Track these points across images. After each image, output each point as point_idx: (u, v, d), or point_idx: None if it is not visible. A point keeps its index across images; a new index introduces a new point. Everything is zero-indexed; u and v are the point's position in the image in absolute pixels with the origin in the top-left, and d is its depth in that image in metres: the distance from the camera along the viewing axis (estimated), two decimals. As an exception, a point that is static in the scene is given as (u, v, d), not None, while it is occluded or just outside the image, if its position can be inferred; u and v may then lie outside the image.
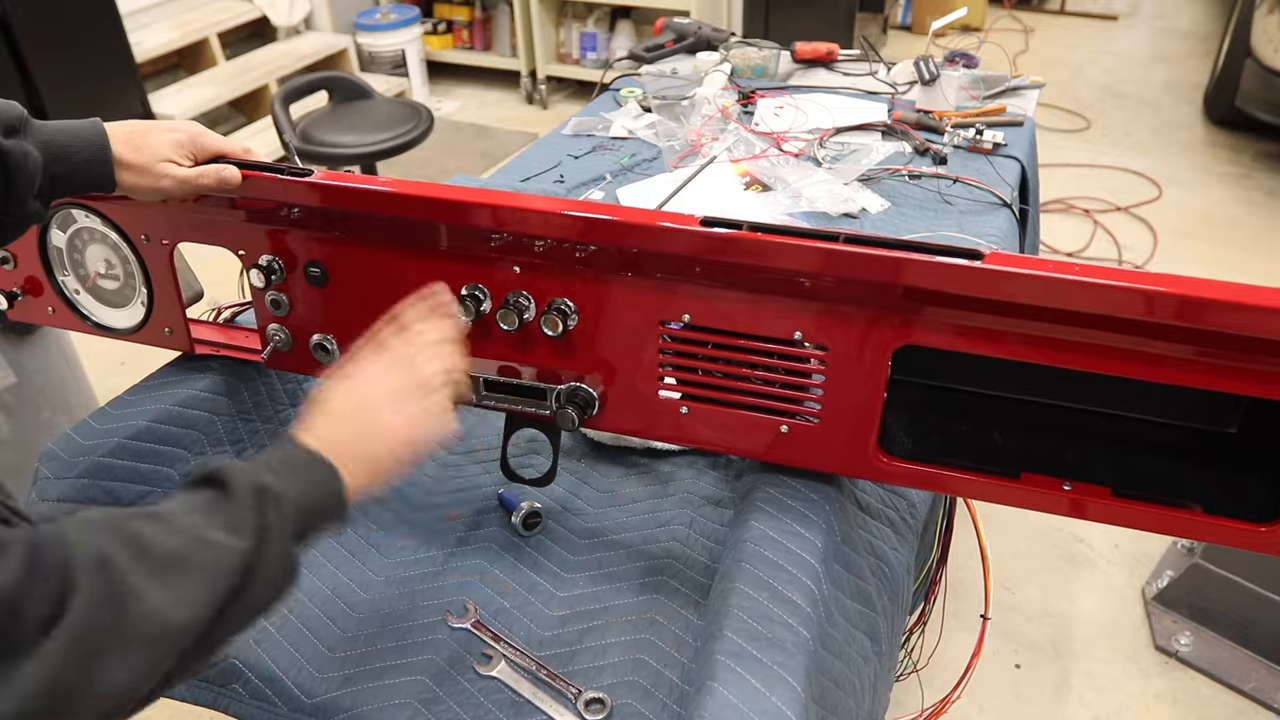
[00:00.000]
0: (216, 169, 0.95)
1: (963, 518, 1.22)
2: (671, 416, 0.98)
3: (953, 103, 1.94)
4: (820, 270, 0.84)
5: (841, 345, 0.88)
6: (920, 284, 0.81)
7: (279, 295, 1.05)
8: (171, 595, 0.57)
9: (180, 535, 0.60)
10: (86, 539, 0.56)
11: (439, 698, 0.91)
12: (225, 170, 0.95)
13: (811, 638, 0.83)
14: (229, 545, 0.61)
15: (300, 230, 1.01)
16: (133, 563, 0.56)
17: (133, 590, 0.56)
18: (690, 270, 0.89)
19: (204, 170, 0.95)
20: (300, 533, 0.68)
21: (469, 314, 0.97)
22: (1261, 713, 1.77)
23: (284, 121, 2.74)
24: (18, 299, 1.20)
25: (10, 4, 3.00)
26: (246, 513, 0.63)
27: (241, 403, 1.18)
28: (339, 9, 4.56)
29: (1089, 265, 0.77)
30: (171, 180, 0.93)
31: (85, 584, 0.53)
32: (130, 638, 0.55)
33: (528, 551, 1.07)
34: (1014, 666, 1.88)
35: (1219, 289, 0.73)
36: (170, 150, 0.93)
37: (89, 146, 0.89)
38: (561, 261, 0.93)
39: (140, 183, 0.92)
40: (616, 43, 4.41)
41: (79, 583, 0.53)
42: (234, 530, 0.62)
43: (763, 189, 1.68)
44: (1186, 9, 5.65)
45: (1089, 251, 3.23)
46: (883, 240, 0.82)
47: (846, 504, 1.00)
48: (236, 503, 0.64)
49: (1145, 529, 0.89)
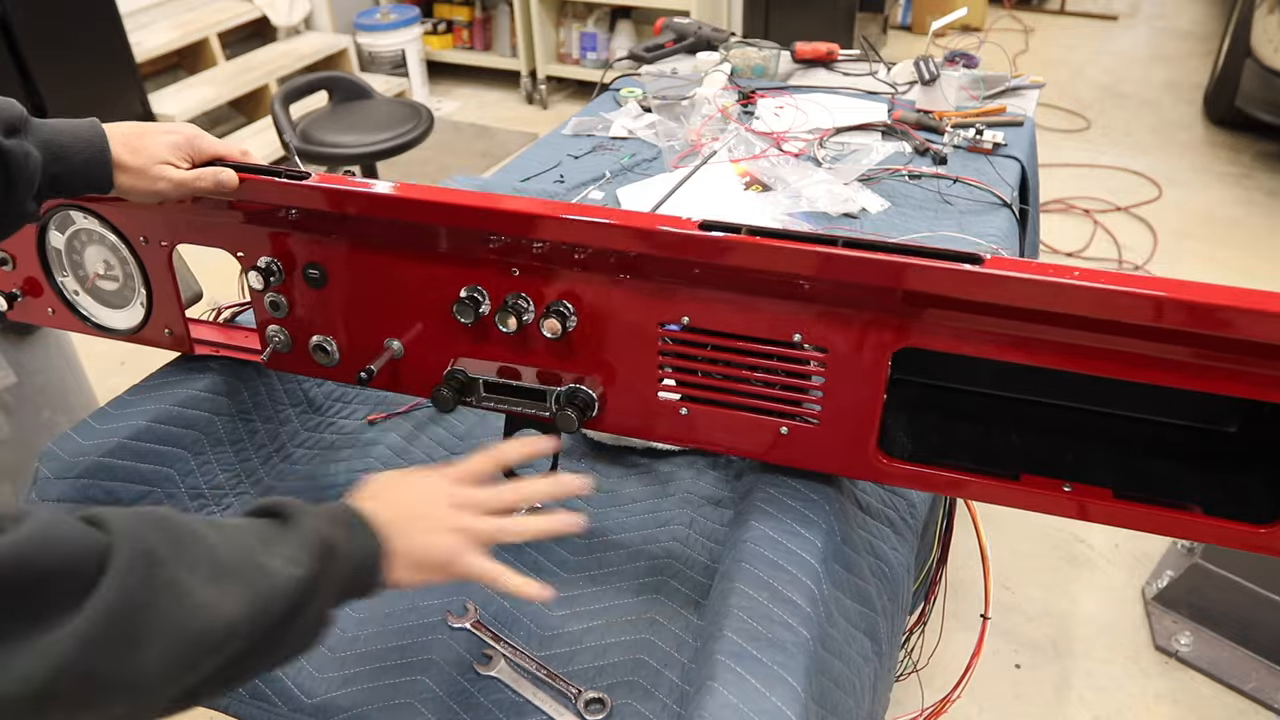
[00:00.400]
0: (214, 172, 0.95)
1: (963, 518, 1.22)
2: (671, 417, 0.98)
3: (953, 103, 1.94)
4: (819, 275, 0.84)
5: (841, 348, 0.88)
6: (920, 288, 0.81)
7: (278, 297, 1.05)
8: (216, 593, 0.57)
9: (235, 549, 0.60)
10: (131, 526, 0.56)
11: (439, 697, 0.91)
12: (222, 173, 0.95)
13: (811, 638, 0.83)
14: (283, 573, 0.61)
15: (299, 232, 1.01)
16: (178, 557, 0.56)
17: (174, 581, 0.55)
18: (689, 273, 0.89)
19: (201, 173, 0.94)
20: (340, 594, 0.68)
21: (468, 317, 0.97)
22: (1261, 713, 1.77)
23: (284, 121, 2.74)
24: (17, 300, 1.20)
25: (10, 4, 3.00)
26: (304, 553, 0.64)
27: (241, 403, 1.18)
28: (339, 9, 4.56)
29: (1088, 270, 0.77)
30: (168, 183, 0.93)
31: (122, 564, 0.53)
32: (167, 627, 0.54)
33: (528, 551, 1.07)
34: (1014, 666, 1.88)
35: (1220, 294, 0.73)
36: (167, 152, 0.92)
37: (89, 147, 0.88)
38: (560, 264, 0.93)
39: (137, 185, 0.92)
40: (616, 43, 4.41)
41: (114, 563, 0.53)
42: (291, 562, 0.62)
43: (763, 189, 1.68)
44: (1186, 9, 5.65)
45: (1089, 252, 3.23)
46: (882, 244, 0.82)
47: (846, 504, 1.00)
48: (299, 539, 0.64)
49: (1145, 530, 0.89)
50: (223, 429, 1.15)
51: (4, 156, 0.82)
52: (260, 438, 1.19)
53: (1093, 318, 0.77)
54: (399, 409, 1.29)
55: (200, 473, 1.12)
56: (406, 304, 1.01)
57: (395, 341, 1.02)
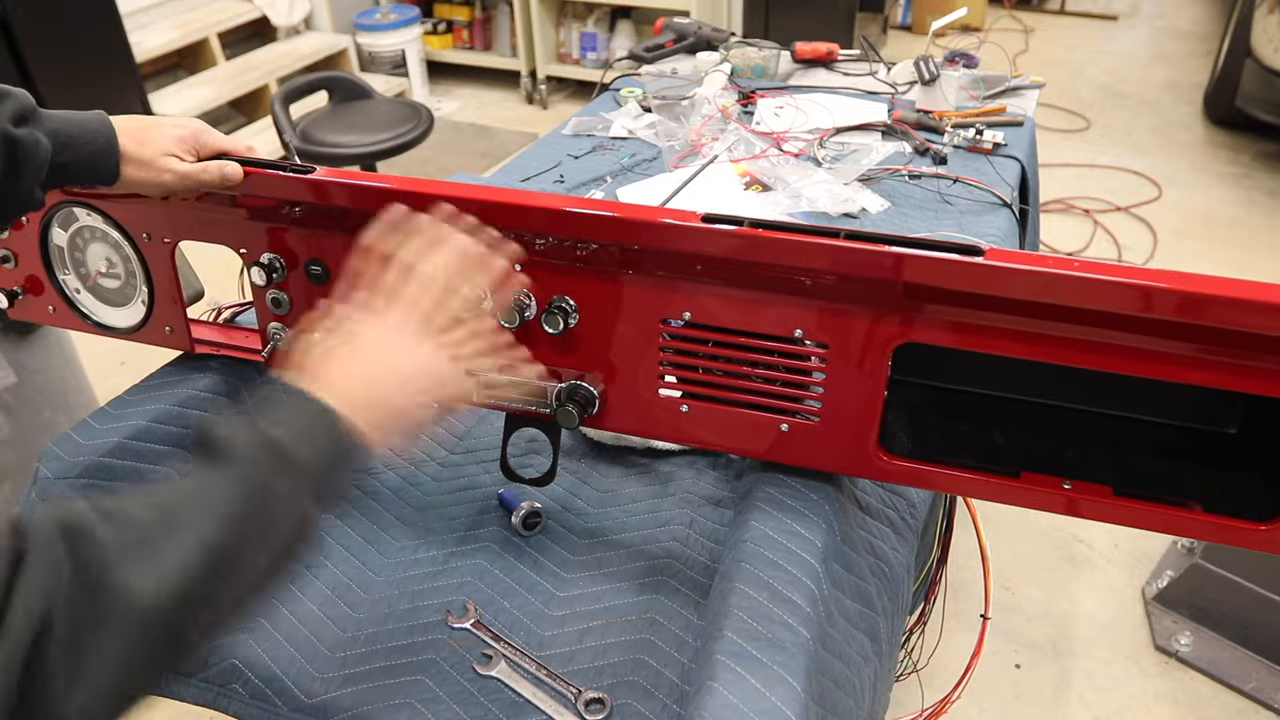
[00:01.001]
0: (219, 164, 0.95)
1: (963, 518, 1.22)
2: (672, 415, 0.98)
3: (953, 103, 1.94)
4: (821, 266, 0.84)
5: (842, 343, 0.88)
6: (921, 280, 0.81)
7: (280, 294, 1.05)
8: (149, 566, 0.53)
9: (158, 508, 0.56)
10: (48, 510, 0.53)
11: (439, 698, 0.91)
12: (227, 166, 0.95)
13: (811, 638, 0.83)
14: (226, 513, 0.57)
15: (301, 228, 1.01)
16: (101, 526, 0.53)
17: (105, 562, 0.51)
18: (691, 268, 0.89)
19: (207, 166, 0.95)
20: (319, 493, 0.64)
21: None
22: (1261, 713, 1.77)
23: (284, 121, 2.74)
24: (18, 298, 1.20)
25: (10, 4, 3.00)
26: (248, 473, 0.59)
27: (241, 403, 1.18)
28: (339, 9, 4.56)
29: (1088, 261, 0.77)
30: (173, 175, 0.93)
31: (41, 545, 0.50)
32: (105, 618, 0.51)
33: (528, 551, 1.07)
34: (1014, 666, 1.88)
35: (1220, 285, 0.73)
36: (173, 145, 0.93)
37: (96, 138, 0.89)
38: (562, 259, 0.93)
39: (143, 176, 0.92)
40: (616, 43, 4.41)
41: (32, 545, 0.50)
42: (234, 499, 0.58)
43: (763, 189, 1.68)
44: (1186, 9, 5.65)
45: (1089, 252, 3.23)
46: (883, 236, 0.82)
47: (846, 504, 1.00)
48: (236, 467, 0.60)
49: (1146, 528, 0.89)
50: (223, 429, 1.15)
51: (14, 144, 0.82)
52: (260, 437, 1.19)
53: (1092, 310, 0.77)
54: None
55: (200, 472, 1.12)
56: None
57: None
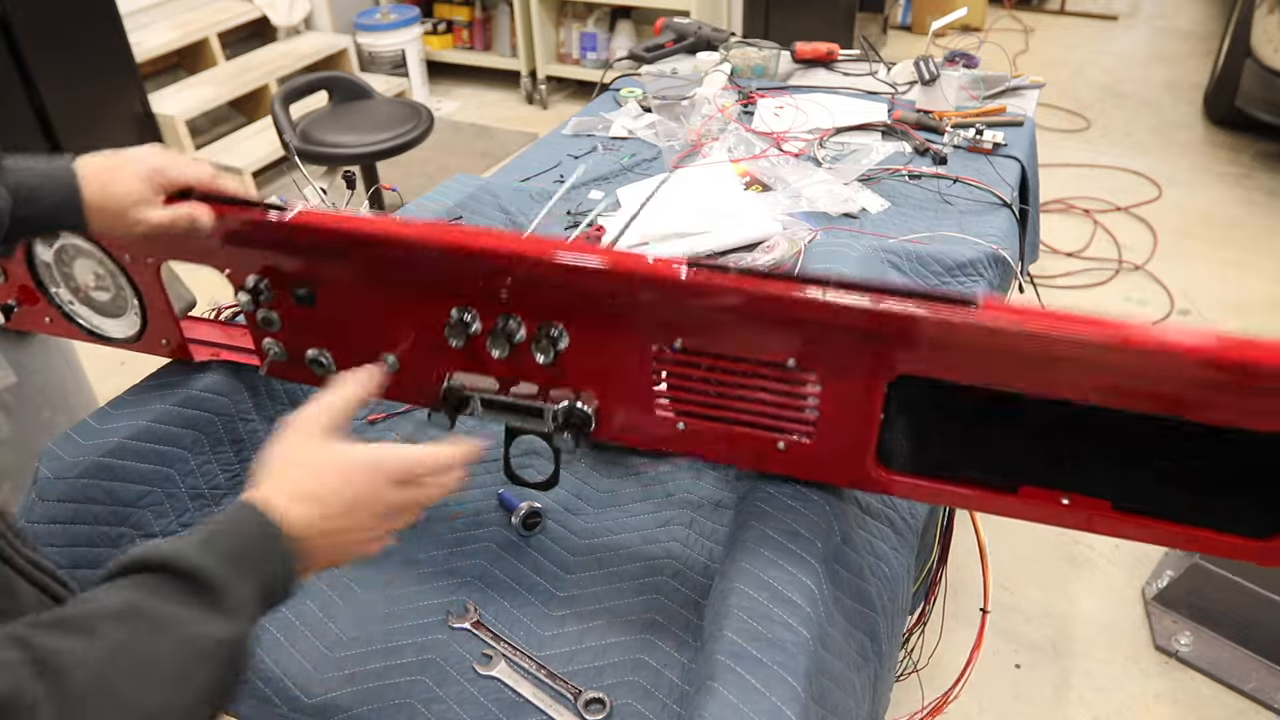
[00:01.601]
0: (189, 212, 0.95)
1: (963, 518, 1.22)
2: (668, 432, 0.97)
3: (953, 103, 1.94)
4: (810, 318, 0.83)
5: (835, 376, 0.87)
6: (912, 332, 0.81)
7: (269, 314, 1.04)
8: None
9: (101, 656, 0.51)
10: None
11: (439, 698, 0.91)
12: (197, 212, 0.95)
13: (811, 638, 0.83)
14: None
15: (284, 255, 1.01)
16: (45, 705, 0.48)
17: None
18: (680, 305, 0.88)
19: (176, 216, 0.94)
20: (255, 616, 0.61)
21: (459, 338, 0.96)
22: (1261, 713, 1.77)
23: (284, 121, 2.73)
24: (14, 310, 1.20)
25: (10, 4, 3.00)
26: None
27: (241, 403, 1.18)
28: (339, 9, 4.56)
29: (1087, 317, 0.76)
30: (145, 225, 0.93)
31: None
32: None
33: (528, 552, 1.07)
34: (1014, 666, 1.88)
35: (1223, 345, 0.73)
36: (140, 187, 0.92)
37: (60, 190, 0.88)
38: (550, 288, 0.92)
39: (113, 225, 0.92)
40: (616, 43, 4.41)
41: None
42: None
43: (763, 189, 1.68)
44: (1186, 9, 5.65)
45: (1089, 252, 3.23)
46: (875, 286, 0.81)
47: (846, 504, 1.00)
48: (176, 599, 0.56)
49: (1145, 541, 0.88)
50: (223, 429, 1.15)
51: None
52: (260, 438, 1.19)
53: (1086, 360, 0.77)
54: (400, 409, 1.29)
55: (200, 473, 1.12)
56: (398, 323, 1.00)
57: (390, 356, 1.01)
